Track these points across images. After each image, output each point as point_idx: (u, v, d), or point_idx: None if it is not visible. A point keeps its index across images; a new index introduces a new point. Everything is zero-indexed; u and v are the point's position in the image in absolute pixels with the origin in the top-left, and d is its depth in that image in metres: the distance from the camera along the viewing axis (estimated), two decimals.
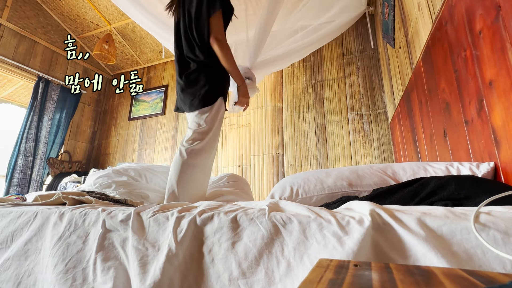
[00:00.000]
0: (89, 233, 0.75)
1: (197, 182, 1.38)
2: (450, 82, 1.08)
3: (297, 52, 2.26)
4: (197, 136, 1.40)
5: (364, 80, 2.71)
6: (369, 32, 2.66)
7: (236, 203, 0.86)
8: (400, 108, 1.93)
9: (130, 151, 3.82)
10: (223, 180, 1.74)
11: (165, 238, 0.64)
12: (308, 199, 0.94)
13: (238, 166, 3.04)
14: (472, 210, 0.49)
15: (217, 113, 1.43)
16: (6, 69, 3.19)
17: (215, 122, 1.43)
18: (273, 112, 3.03)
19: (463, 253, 0.43)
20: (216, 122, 1.43)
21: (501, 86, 0.76)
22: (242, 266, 0.55)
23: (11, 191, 3.08)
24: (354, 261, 0.36)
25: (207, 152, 1.41)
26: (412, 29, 1.53)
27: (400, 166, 0.95)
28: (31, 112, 3.34)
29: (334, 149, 2.65)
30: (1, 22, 3.14)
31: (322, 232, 0.52)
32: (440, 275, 0.27)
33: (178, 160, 1.37)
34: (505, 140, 0.76)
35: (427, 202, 0.69)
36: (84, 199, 1.03)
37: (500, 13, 0.75)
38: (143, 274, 0.59)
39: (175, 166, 1.36)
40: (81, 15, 3.51)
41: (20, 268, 0.78)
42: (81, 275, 0.67)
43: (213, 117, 1.42)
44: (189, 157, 1.36)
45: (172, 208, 0.75)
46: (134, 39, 3.74)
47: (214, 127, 1.42)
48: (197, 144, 1.38)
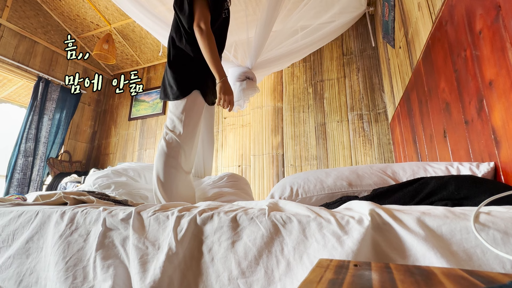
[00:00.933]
0: (90, 231, 0.75)
1: (177, 179, 1.35)
2: (450, 82, 1.08)
3: (297, 52, 2.26)
4: (170, 128, 1.39)
5: (364, 80, 2.71)
6: (369, 31, 2.67)
7: (236, 203, 0.86)
8: (400, 108, 1.93)
9: (130, 151, 3.82)
10: (223, 180, 1.73)
11: (165, 237, 0.64)
12: (308, 199, 0.94)
13: (238, 166, 3.04)
14: (472, 210, 0.49)
15: (191, 107, 1.39)
16: (6, 69, 3.19)
17: (189, 117, 1.38)
18: (273, 112, 3.03)
19: (462, 252, 0.43)
20: (190, 118, 1.38)
21: (501, 86, 0.76)
22: (242, 266, 0.55)
23: (11, 191, 3.09)
24: (354, 261, 0.36)
25: (183, 147, 1.37)
26: (412, 29, 1.53)
27: (400, 166, 0.95)
28: (31, 112, 3.34)
29: (334, 149, 2.65)
30: (1, 22, 3.14)
31: (321, 232, 0.52)
32: (440, 275, 0.27)
33: (159, 149, 1.37)
34: (505, 140, 0.76)
35: (426, 202, 0.69)
36: (86, 199, 1.03)
37: (500, 13, 0.75)
38: (143, 272, 0.59)
39: (156, 156, 1.37)
40: (81, 15, 3.51)
41: (21, 266, 0.78)
42: (82, 273, 0.67)
43: (187, 111, 1.38)
44: (167, 147, 1.35)
45: (173, 207, 0.76)
46: (134, 39, 3.74)
47: (187, 122, 1.38)
48: (172, 135, 1.37)
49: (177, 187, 1.34)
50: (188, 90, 1.40)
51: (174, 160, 1.35)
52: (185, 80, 1.40)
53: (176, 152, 1.36)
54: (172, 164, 1.35)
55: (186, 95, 1.39)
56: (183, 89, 1.39)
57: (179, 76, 1.40)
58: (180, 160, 1.37)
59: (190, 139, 1.40)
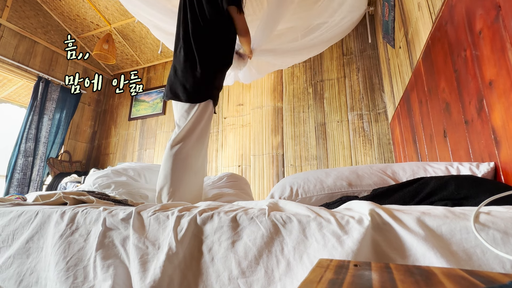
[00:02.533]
0: (90, 231, 0.75)
1: (190, 179, 1.36)
2: (450, 82, 1.08)
3: (298, 51, 2.26)
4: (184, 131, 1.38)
5: (364, 80, 2.71)
6: (368, 29, 2.67)
7: (236, 203, 0.86)
8: (400, 108, 1.93)
9: (130, 151, 3.82)
10: (223, 180, 1.74)
11: (165, 237, 0.64)
12: (308, 199, 0.94)
13: (238, 166, 3.04)
14: (472, 210, 0.49)
15: (204, 112, 1.41)
16: (6, 69, 3.19)
17: (200, 121, 1.40)
18: (273, 112, 3.03)
19: (462, 252, 0.43)
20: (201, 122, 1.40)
21: (501, 86, 0.76)
22: (242, 265, 0.55)
23: (11, 191, 3.09)
24: (354, 261, 0.36)
25: (192, 140, 1.37)
26: (412, 29, 1.53)
27: (400, 166, 0.95)
28: (31, 112, 3.34)
29: (334, 149, 2.65)
30: (1, 22, 3.14)
31: (321, 232, 0.52)
32: (440, 275, 0.27)
33: (167, 156, 1.35)
34: (505, 140, 0.76)
35: (426, 202, 0.69)
36: (85, 199, 1.03)
37: (500, 13, 0.75)
38: (143, 272, 0.59)
39: (165, 162, 1.34)
40: (81, 15, 3.51)
41: (22, 266, 0.78)
42: (83, 273, 0.67)
43: (200, 114, 1.39)
44: (177, 152, 1.34)
45: (173, 207, 0.76)
46: (134, 39, 3.74)
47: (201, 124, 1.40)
48: (181, 130, 1.36)
49: (185, 188, 1.34)
50: (205, 96, 1.41)
51: (183, 162, 1.35)
52: (204, 86, 1.41)
53: (186, 154, 1.36)
54: (181, 166, 1.34)
55: (203, 101, 1.40)
56: (201, 94, 1.40)
57: (201, 81, 1.40)
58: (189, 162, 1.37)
59: (202, 143, 1.42)
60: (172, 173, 1.31)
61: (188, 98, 1.38)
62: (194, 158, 1.38)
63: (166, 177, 1.32)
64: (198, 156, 1.40)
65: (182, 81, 1.40)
